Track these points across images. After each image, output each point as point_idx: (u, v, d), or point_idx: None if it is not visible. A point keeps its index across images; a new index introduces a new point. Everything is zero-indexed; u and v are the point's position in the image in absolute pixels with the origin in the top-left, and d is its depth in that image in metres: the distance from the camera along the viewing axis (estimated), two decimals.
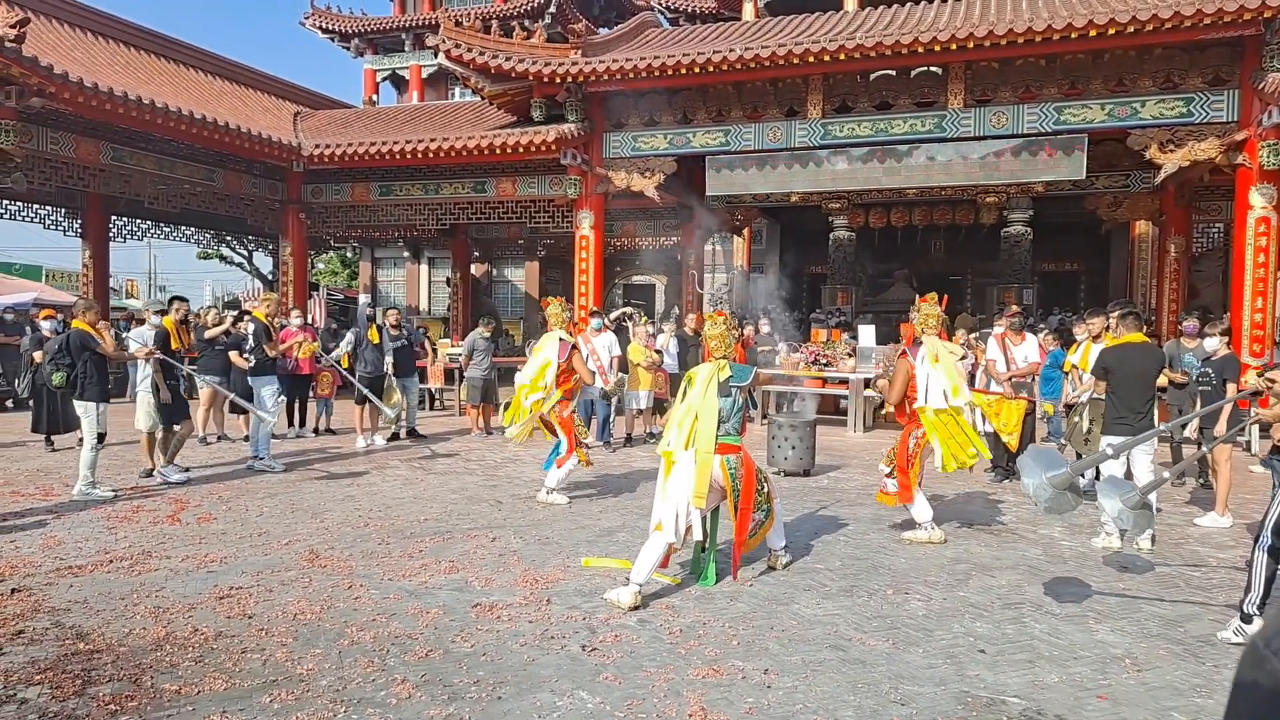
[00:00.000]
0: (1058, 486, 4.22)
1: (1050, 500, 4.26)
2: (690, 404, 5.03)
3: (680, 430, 5.00)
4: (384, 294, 29.68)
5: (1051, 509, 4.35)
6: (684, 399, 5.13)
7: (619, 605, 4.63)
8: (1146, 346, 6.26)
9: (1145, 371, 6.07)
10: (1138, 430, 5.99)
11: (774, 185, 15.10)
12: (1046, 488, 4.23)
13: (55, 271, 36.17)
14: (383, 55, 30.84)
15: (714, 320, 5.37)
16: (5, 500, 7.09)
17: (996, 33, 11.89)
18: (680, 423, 5.02)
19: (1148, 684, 3.82)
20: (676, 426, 5.04)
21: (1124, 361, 6.10)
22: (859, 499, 7.78)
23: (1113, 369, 6.12)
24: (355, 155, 16.09)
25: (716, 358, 5.23)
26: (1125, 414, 6.02)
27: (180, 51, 19.41)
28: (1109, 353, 6.28)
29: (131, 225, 20.61)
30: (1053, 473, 4.24)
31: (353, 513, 6.90)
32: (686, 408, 5.05)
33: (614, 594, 4.71)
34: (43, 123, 13.57)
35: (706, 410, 4.98)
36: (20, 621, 4.30)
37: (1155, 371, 6.18)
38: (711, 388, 5.03)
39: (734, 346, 5.32)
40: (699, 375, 5.15)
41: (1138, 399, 6.03)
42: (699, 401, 5.00)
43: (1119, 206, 17.68)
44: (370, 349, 10.75)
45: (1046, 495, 4.24)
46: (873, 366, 13.05)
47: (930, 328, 6.39)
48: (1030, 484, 4.30)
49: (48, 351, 9.01)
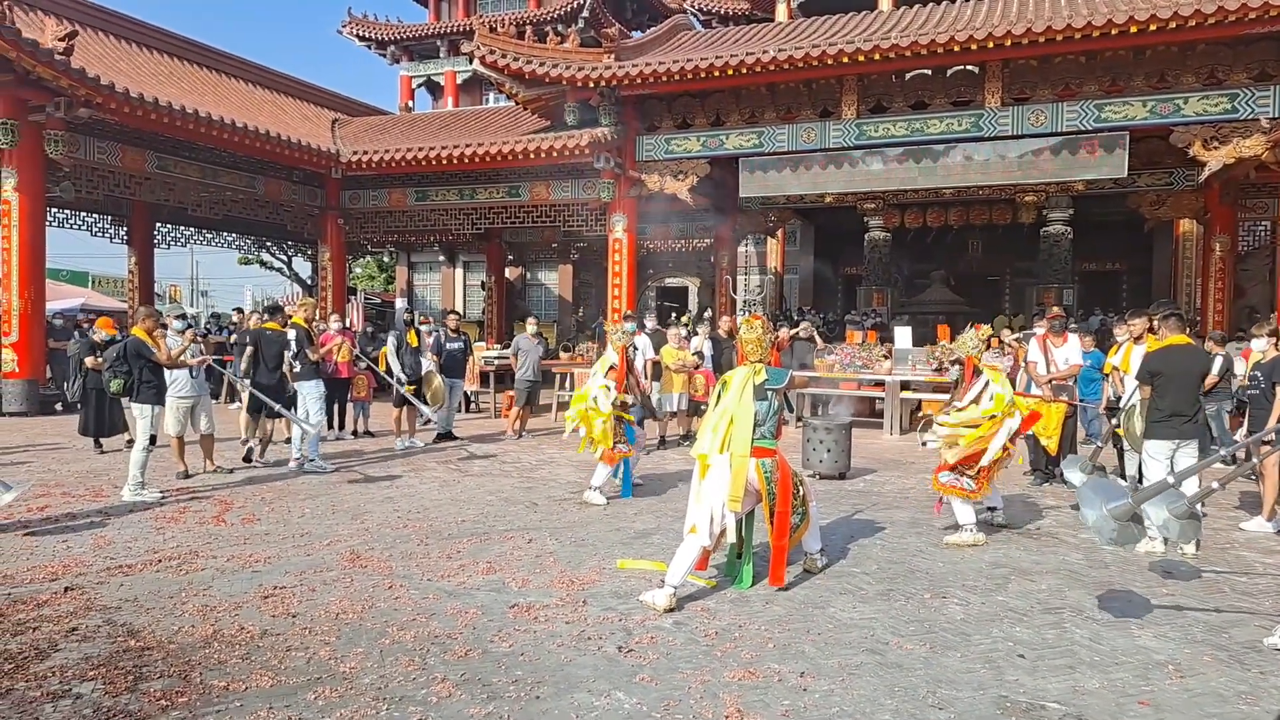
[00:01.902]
0: (1120, 518, 4.15)
1: (1115, 533, 4.19)
2: (725, 408, 5.04)
3: (715, 434, 5.01)
4: (420, 298, 30.02)
5: (1117, 542, 4.28)
6: (718, 403, 5.14)
7: (654, 607, 4.65)
8: (1191, 348, 6.17)
9: (1192, 374, 5.98)
10: (1183, 434, 5.89)
11: (808, 186, 15.06)
12: (1109, 521, 4.16)
13: (101, 277, 36.98)
14: (418, 62, 31.22)
15: (750, 324, 5.38)
16: (57, 501, 7.29)
17: (1035, 30, 11.75)
18: (715, 427, 5.03)
19: (1191, 690, 3.77)
20: (711, 430, 5.04)
21: (1170, 364, 6.00)
22: (895, 502, 7.73)
23: (1159, 372, 6.03)
24: (392, 161, 16.31)
25: (752, 361, 5.24)
26: (1170, 417, 5.92)
27: (222, 61, 19.82)
28: (1154, 356, 6.18)
29: (175, 232, 21.10)
30: (1113, 504, 4.18)
31: (392, 514, 7.00)
32: (721, 411, 5.05)
33: (649, 596, 4.74)
34: (90, 133, 13.94)
35: (742, 414, 4.98)
36: (73, 619, 4.43)
37: (1201, 374, 6.08)
38: (747, 391, 5.03)
39: (769, 350, 5.34)
40: (734, 379, 5.15)
41: (1184, 402, 5.93)
42: (734, 405, 5.01)
43: (1162, 204, 17.37)
44: (409, 352, 10.89)
45: (1111, 529, 4.17)
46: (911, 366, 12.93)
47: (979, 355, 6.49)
48: (1092, 517, 4.25)
49: (107, 359, 9.28)
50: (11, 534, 6.16)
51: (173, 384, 8.26)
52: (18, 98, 12.61)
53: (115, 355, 7.77)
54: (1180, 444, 5.95)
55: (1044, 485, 8.52)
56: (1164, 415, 5.97)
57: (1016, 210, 18.82)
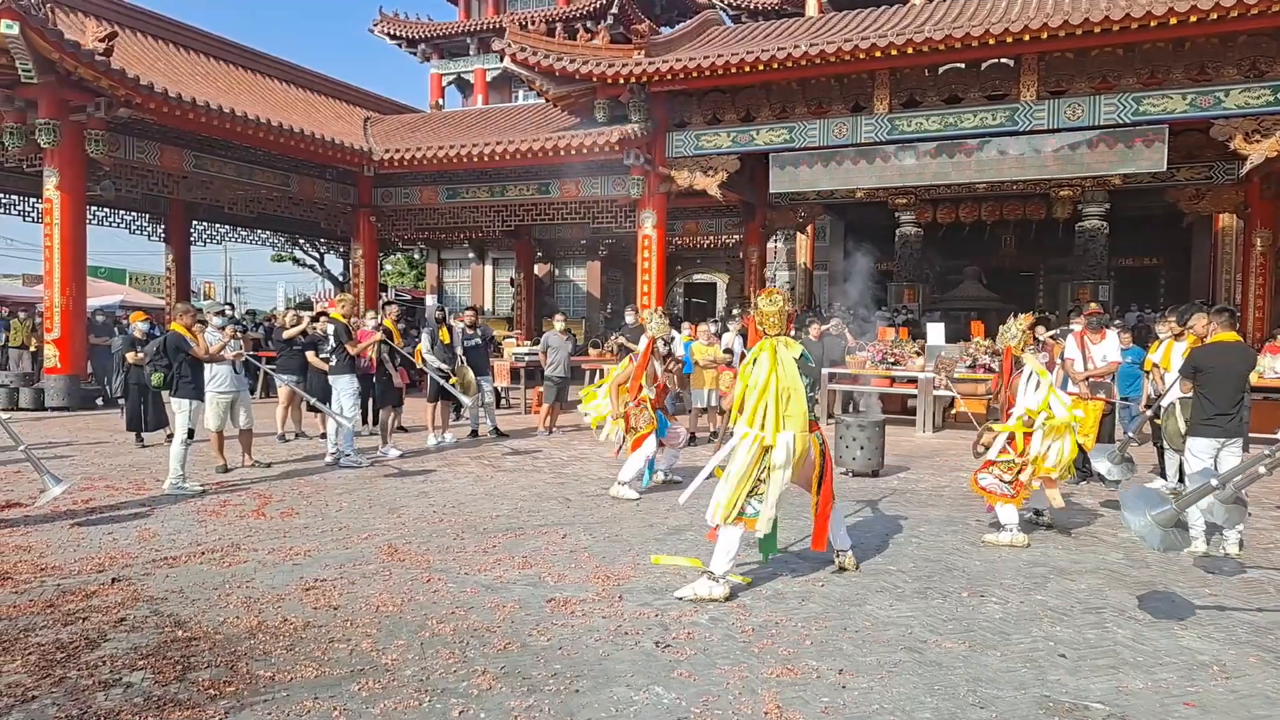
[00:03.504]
0: (1164, 525, 4.21)
1: (1161, 540, 4.25)
2: (781, 383, 4.88)
3: (770, 412, 4.85)
4: (450, 295, 30.22)
5: (1164, 548, 4.35)
6: (757, 379, 4.94)
7: (712, 599, 4.69)
8: (1239, 346, 6.06)
9: (1236, 371, 5.88)
10: (1226, 431, 5.79)
11: (839, 182, 14.98)
12: (1154, 528, 4.22)
13: (139, 274, 37.67)
14: (448, 60, 31.42)
15: (770, 297, 5.22)
16: (101, 494, 7.44)
17: (1072, 23, 11.59)
18: (767, 405, 4.86)
19: (1237, 692, 3.72)
20: (763, 409, 4.86)
21: (1216, 361, 5.91)
22: (930, 500, 7.68)
23: (1203, 368, 5.94)
24: (423, 159, 16.43)
25: (771, 335, 5.08)
26: (1213, 415, 5.83)
27: (256, 61, 20.07)
28: (1201, 352, 6.08)
29: (211, 230, 21.41)
30: (1157, 511, 4.23)
31: (427, 509, 7.07)
32: (777, 389, 4.87)
33: (704, 589, 4.75)
34: (130, 132, 14.18)
35: (798, 388, 4.90)
36: (121, 609, 4.52)
37: (1246, 372, 5.98)
38: (794, 366, 4.93)
39: (786, 324, 5.20)
40: (778, 353, 4.95)
41: (1227, 400, 5.83)
42: (790, 380, 4.89)
43: (1201, 199, 17.08)
44: (442, 348, 10.99)
45: (1157, 536, 4.24)
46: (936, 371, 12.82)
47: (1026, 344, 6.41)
48: (1136, 524, 4.30)
49: (147, 354, 9.46)
50: (59, 526, 6.30)
51: (212, 379, 8.39)
52: (60, 98, 12.84)
53: (155, 350, 7.93)
54: (1225, 443, 5.85)
55: (1081, 484, 8.42)
56: (1208, 414, 5.88)
57: (1051, 205, 18.59)
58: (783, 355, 4.96)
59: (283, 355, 10.71)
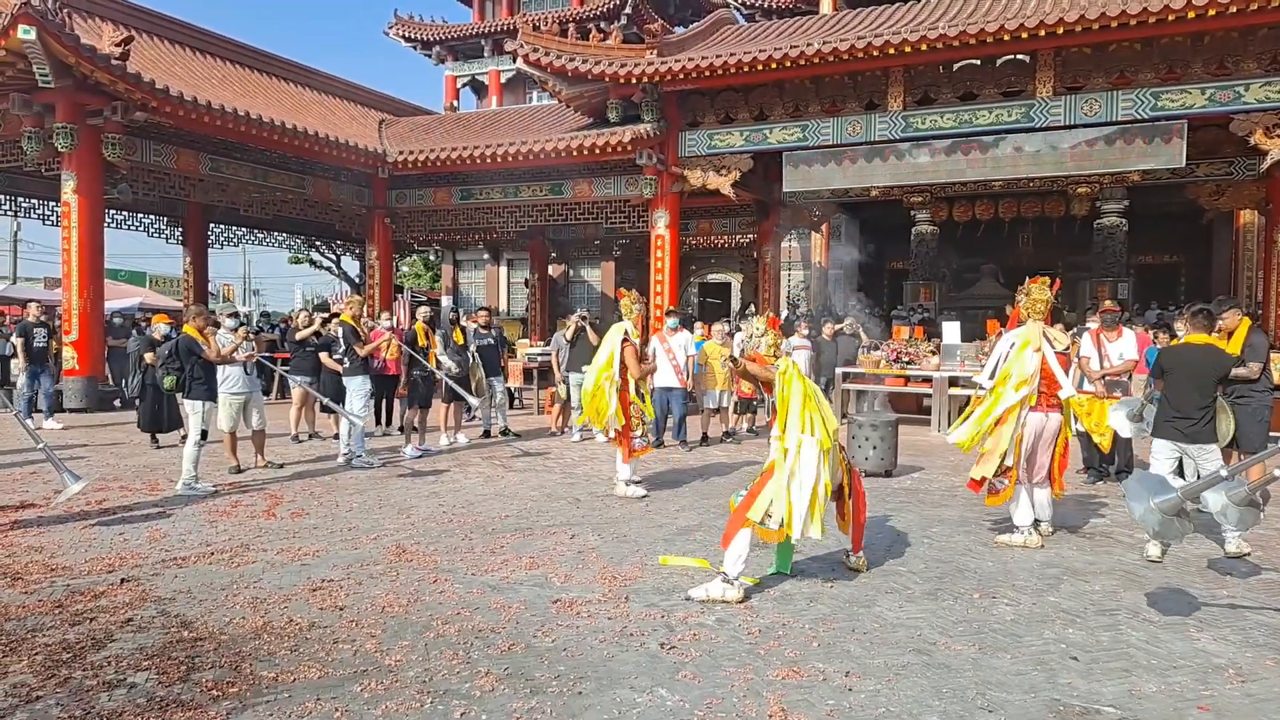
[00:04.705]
0: (1166, 512, 4.13)
1: (1160, 526, 4.19)
2: (806, 393, 4.99)
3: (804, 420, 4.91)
4: (465, 295, 30.32)
5: (1161, 535, 4.30)
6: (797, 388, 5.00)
7: (726, 600, 4.68)
8: (1206, 349, 5.80)
9: (1200, 374, 5.66)
10: (1187, 436, 5.64)
11: (853, 180, 14.88)
12: (1155, 513, 4.15)
13: (158, 277, 38.01)
14: (463, 61, 31.51)
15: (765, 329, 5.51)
16: (115, 495, 7.49)
17: (1089, 18, 11.45)
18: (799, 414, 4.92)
19: (1253, 695, 3.64)
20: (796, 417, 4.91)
21: (1178, 362, 5.78)
22: (943, 500, 7.61)
23: (1167, 369, 5.82)
24: (437, 160, 16.48)
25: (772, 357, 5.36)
26: (1172, 417, 5.70)
27: (271, 64, 20.19)
28: (1166, 352, 5.98)
29: (228, 232, 21.57)
30: (1160, 498, 4.15)
31: (437, 509, 7.07)
32: (817, 396, 5.03)
33: (718, 590, 4.73)
34: (146, 136, 14.28)
35: (823, 400, 5.05)
36: (129, 610, 4.54)
37: (1213, 374, 5.70)
38: (809, 380, 5.12)
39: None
40: (792, 371, 5.09)
41: (1188, 403, 5.65)
42: (814, 391, 5.05)
43: (1222, 195, 16.84)
44: (455, 349, 11.01)
45: (1155, 520, 4.17)
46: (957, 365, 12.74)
47: (1037, 313, 6.15)
48: (1137, 509, 4.23)
49: (160, 357, 9.52)
50: (71, 527, 6.34)
51: (225, 380, 8.43)
52: (77, 102, 12.96)
53: (168, 353, 7.97)
54: (1185, 448, 5.66)
55: (1097, 483, 8.32)
56: (1167, 415, 5.75)
57: (1069, 202, 18.40)
58: (797, 371, 5.09)
59: (296, 356, 10.77)
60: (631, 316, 7.75)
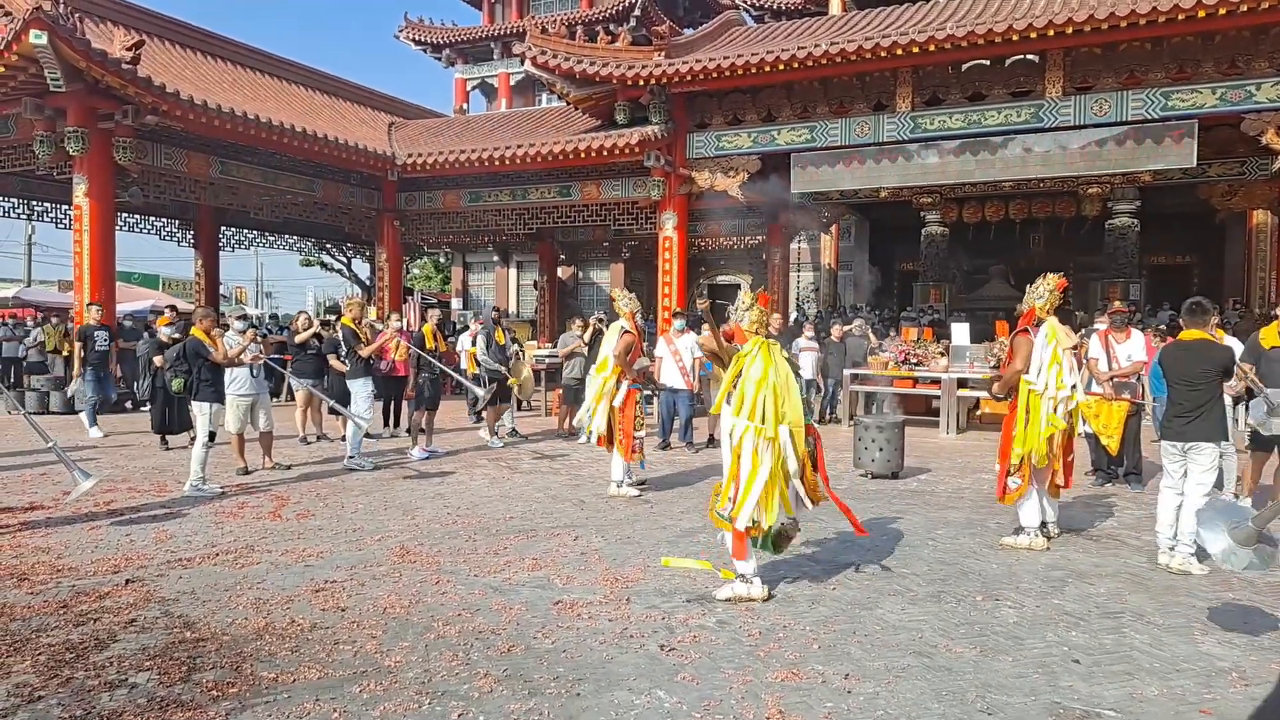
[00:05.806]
0: (1246, 544, 3.85)
1: (1250, 562, 3.90)
2: (772, 381, 4.75)
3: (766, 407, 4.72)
4: (475, 297, 30.40)
5: (1254, 569, 3.96)
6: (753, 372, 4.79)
7: (751, 599, 4.70)
8: (1199, 345, 5.66)
9: (1192, 372, 5.56)
10: (1182, 435, 5.52)
11: (862, 181, 14.83)
12: (1236, 550, 3.86)
13: (171, 280, 38.26)
14: (472, 64, 31.59)
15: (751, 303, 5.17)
16: (123, 496, 7.54)
17: (1098, 18, 11.40)
18: (765, 397, 4.72)
19: (1256, 699, 3.60)
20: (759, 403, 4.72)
21: (1170, 360, 5.73)
22: (949, 502, 7.57)
23: (1165, 368, 5.77)
24: (446, 163, 16.52)
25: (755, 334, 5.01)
26: (1171, 417, 5.63)
27: (281, 67, 20.29)
28: (1166, 351, 5.92)
29: (239, 235, 21.68)
30: (1235, 528, 3.87)
31: (442, 510, 7.09)
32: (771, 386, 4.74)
33: (742, 589, 4.73)
34: (157, 139, 14.38)
35: (793, 387, 4.82)
36: (133, 611, 4.57)
37: (1207, 373, 5.56)
38: (785, 365, 4.85)
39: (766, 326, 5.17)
40: (770, 352, 4.82)
41: (1184, 401, 5.56)
42: (783, 379, 4.78)
43: (1234, 195, 16.73)
44: (497, 349, 11.09)
45: (1243, 560, 3.88)
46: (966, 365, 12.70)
47: (1050, 309, 6.15)
48: (1219, 550, 3.92)
49: (167, 359, 9.58)
50: (78, 527, 6.39)
51: (232, 382, 8.48)
52: (88, 106, 13.05)
53: (175, 355, 8.02)
54: (1185, 446, 5.55)
55: (1105, 485, 8.27)
56: (1168, 415, 5.70)
57: (1080, 203, 18.30)
58: (775, 354, 4.85)
59: (298, 359, 10.83)
60: (624, 313, 7.80)
